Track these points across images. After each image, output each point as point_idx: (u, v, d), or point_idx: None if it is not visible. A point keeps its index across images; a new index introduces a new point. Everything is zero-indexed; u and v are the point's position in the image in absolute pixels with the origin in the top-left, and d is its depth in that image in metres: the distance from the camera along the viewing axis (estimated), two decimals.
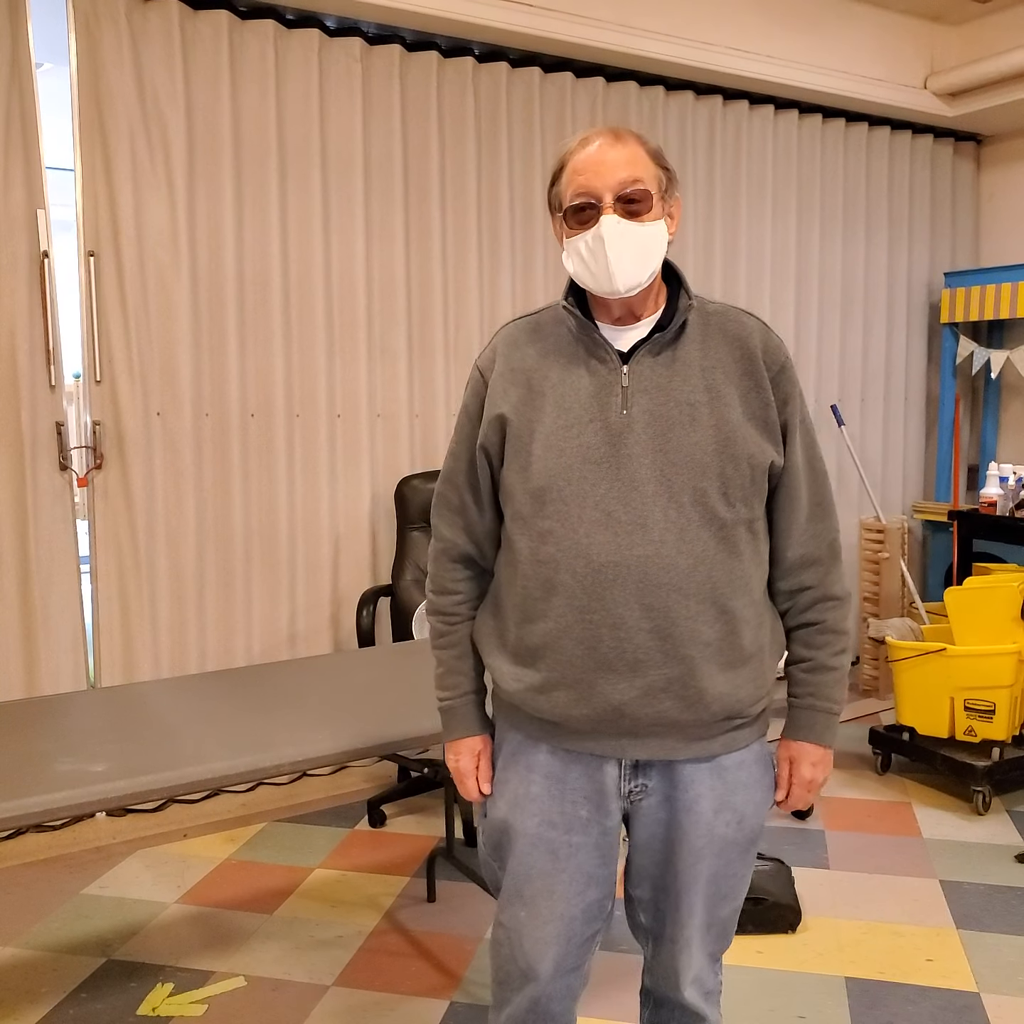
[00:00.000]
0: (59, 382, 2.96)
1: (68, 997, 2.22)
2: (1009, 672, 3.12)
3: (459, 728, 1.45)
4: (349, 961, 2.35)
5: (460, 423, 1.42)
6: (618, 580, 1.26)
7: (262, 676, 2.32)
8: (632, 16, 3.54)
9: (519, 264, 3.71)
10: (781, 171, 4.26)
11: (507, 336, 1.39)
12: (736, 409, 1.30)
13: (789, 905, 2.45)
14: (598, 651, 1.28)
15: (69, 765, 1.75)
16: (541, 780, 1.37)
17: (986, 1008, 2.15)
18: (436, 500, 1.46)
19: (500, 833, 1.41)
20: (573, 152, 1.30)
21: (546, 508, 1.29)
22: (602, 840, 1.37)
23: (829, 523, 1.39)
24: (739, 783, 1.36)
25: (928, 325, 4.78)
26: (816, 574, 1.38)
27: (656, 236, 1.29)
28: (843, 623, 1.40)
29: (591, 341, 1.33)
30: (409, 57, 3.43)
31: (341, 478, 3.44)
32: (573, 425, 1.30)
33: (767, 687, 1.37)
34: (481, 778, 1.44)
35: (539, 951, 1.39)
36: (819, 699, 1.40)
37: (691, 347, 1.32)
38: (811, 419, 1.38)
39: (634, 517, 1.27)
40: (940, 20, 4.27)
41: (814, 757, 1.40)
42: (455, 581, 1.44)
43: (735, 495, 1.28)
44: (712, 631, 1.29)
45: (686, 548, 1.26)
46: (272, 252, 3.22)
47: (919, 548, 4.85)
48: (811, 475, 1.37)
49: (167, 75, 3.00)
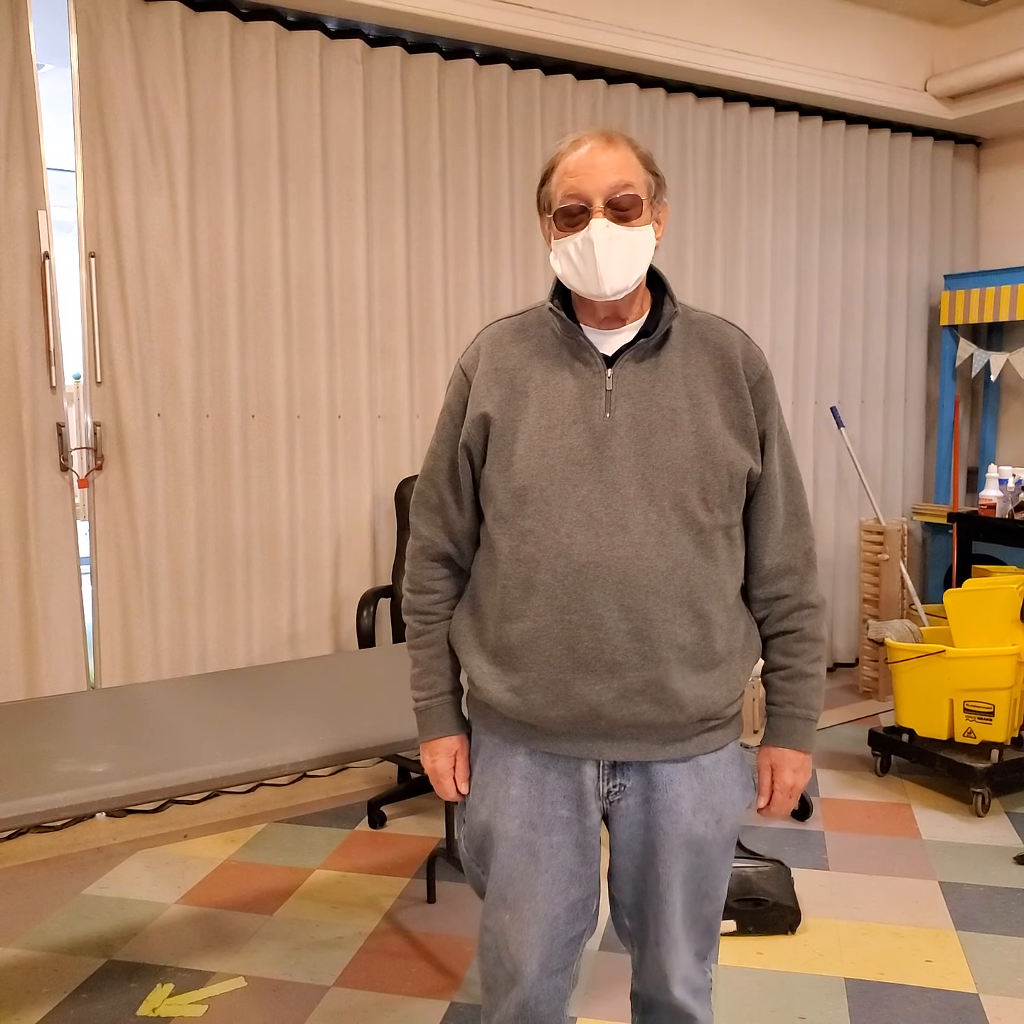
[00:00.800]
0: (60, 383, 2.96)
1: (69, 997, 2.22)
2: (1008, 674, 3.13)
3: (435, 728, 1.45)
4: (349, 962, 2.35)
5: (442, 422, 1.42)
6: (599, 580, 1.27)
7: (262, 677, 2.32)
8: (632, 18, 3.55)
9: (519, 266, 3.72)
10: (781, 173, 4.26)
11: (491, 335, 1.40)
12: (716, 417, 1.31)
13: (789, 906, 2.45)
14: (576, 651, 1.29)
15: (69, 766, 1.75)
16: (520, 782, 1.37)
17: (985, 1009, 2.16)
18: (415, 498, 1.46)
19: (482, 837, 1.41)
20: (564, 154, 1.30)
21: (527, 507, 1.30)
22: (583, 839, 1.38)
23: (805, 532, 1.41)
24: (716, 782, 1.38)
25: (928, 327, 4.79)
26: (792, 582, 1.40)
27: (644, 241, 1.30)
28: (819, 631, 1.42)
29: (576, 344, 1.34)
30: (410, 59, 3.43)
31: (341, 479, 3.44)
32: (556, 426, 1.31)
33: (740, 689, 1.38)
34: (458, 778, 1.45)
35: (524, 953, 1.39)
36: (798, 707, 1.42)
37: (674, 354, 1.33)
38: (788, 429, 1.41)
39: (615, 519, 1.28)
40: (940, 23, 4.28)
41: (795, 764, 1.42)
42: (433, 580, 1.46)
43: (714, 501, 1.30)
44: (688, 634, 1.30)
45: (665, 551, 1.28)
46: (273, 253, 3.23)
47: (919, 550, 4.85)
48: (788, 484, 1.40)
49: (168, 76, 3.01)
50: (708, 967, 1.50)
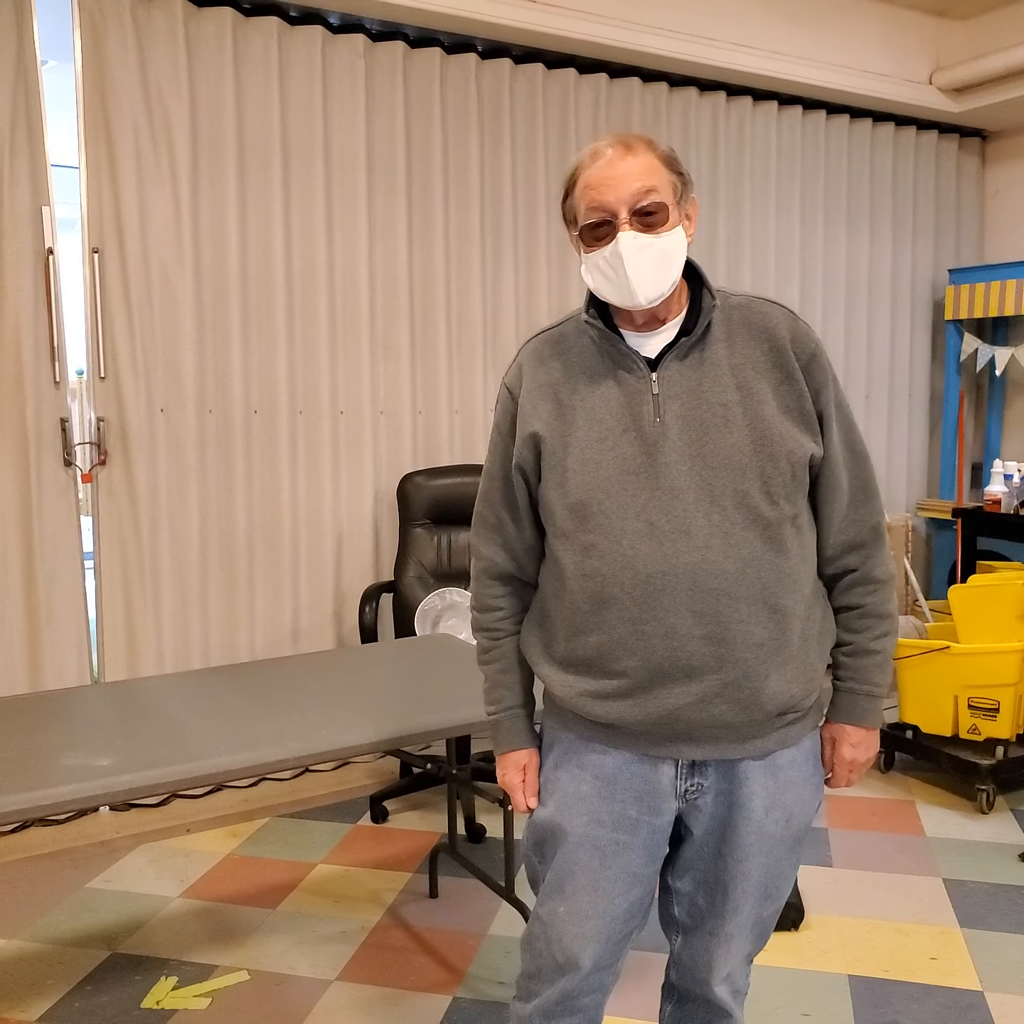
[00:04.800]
0: (63, 378, 2.97)
1: (73, 990, 2.23)
2: (1013, 670, 3.12)
3: (504, 742, 1.45)
4: (352, 956, 2.35)
5: (493, 442, 1.41)
6: (667, 589, 1.25)
7: (265, 672, 2.32)
8: (635, 12, 3.54)
9: (522, 261, 3.71)
10: (785, 167, 4.25)
11: (532, 351, 1.38)
12: (770, 404, 1.28)
13: (793, 903, 2.45)
14: (652, 661, 1.27)
15: (73, 759, 1.75)
16: (592, 780, 1.36)
17: (990, 1006, 2.15)
18: (475, 520, 1.46)
19: (544, 831, 1.41)
20: (584, 166, 1.28)
21: (588, 522, 1.29)
22: (650, 839, 1.37)
23: (872, 506, 1.37)
24: (790, 781, 1.36)
25: (932, 322, 4.77)
26: (859, 557, 1.37)
27: (675, 245, 1.27)
28: (885, 606, 1.39)
29: (617, 352, 1.31)
30: (412, 54, 3.43)
31: (344, 474, 3.44)
32: (607, 437, 1.29)
33: (818, 679, 1.35)
34: (528, 792, 1.44)
35: (579, 946, 1.38)
36: (860, 683, 1.39)
37: (718, 346, 1.30)
38: (847, 401, 1.36)
39: (677, 525, 1.26)
40: (945, 15, 4.26)
41: (854, 739, 1.41)
42: (495, 598, 1.45)
43: (778, 493, 1.27)
44: (765, 631, 1.27)
45: (732, 552, 1.25)
46: (275, 249, 3.23)
47: (923, 546, 4.84)
48: (851, 459, 1.35)
49: (171, 72, 3.01)
50: (749, 972, 1.50)
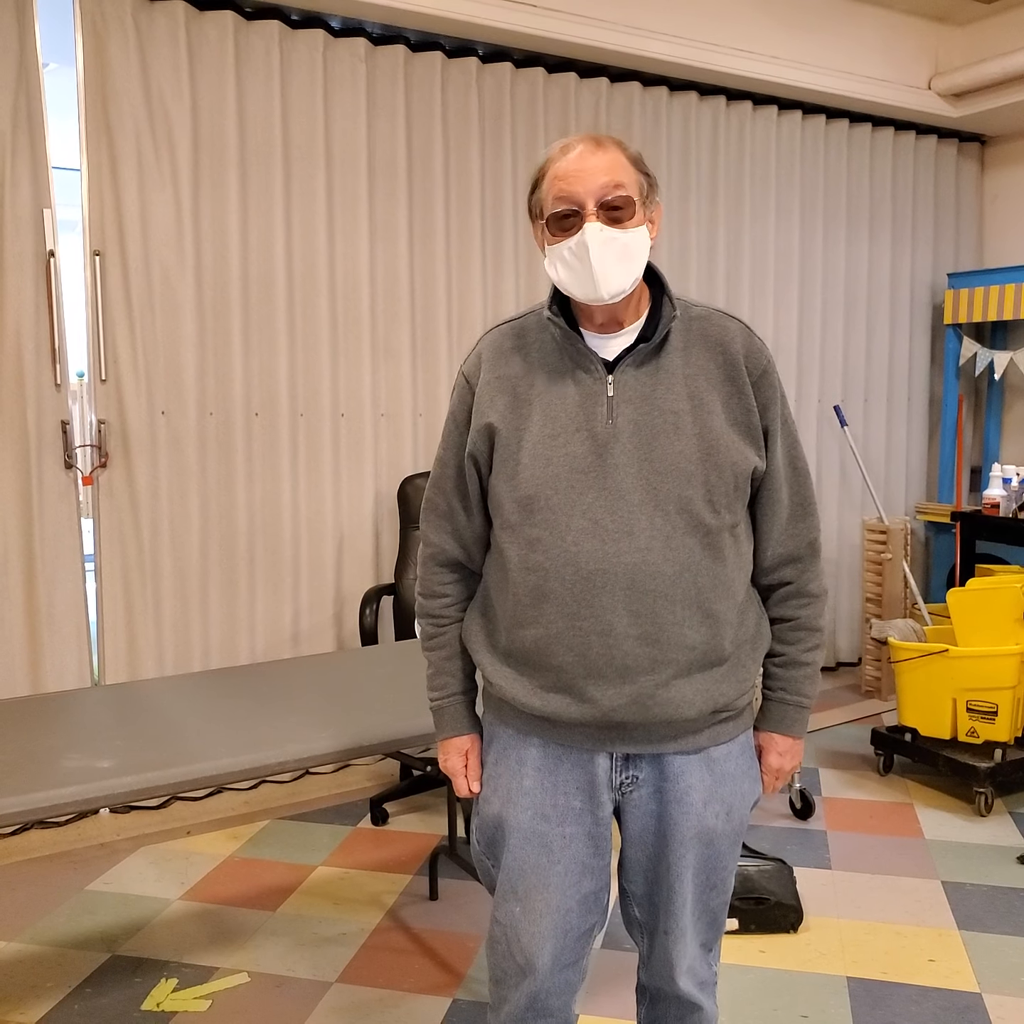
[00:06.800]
0: (64, 381, 2.97)
1: (73, 992, 2.23)
2: (1011, 673, 3.13)
3: (447, 728, 1.48)
4: (352, 958, 2.36)
5: (448, 430, 1.43)
6: (607, 587, 1.29)
7: (265, 674, 2.33)
8: (636, 17, 3.55)
9: (523, 264, 3.72)
10: (784, 172, 4.26)
11: (492, 343, 1.40)
12: (719, 416, 1.32)
13: (791, 905, 2.45)
14: (587, 658, 1.31)
15: (74, 761, 1.76)
16: (533, 773, 1.38)
17: (988, 1009, 2.16)
18: (425, 505, 1.47)
19: (494, 829, 1.43)
20: (553, 159, 1.30)
21: (534, 516, 1.31)
22: (595, 830, 1.39)
23: (810, 521, 1.41)
24: (727, 774, 1.39)
25: (931, 326, 4.78)
26: (795, 570, 1.41)
27: (639, 242, 1.30)
28: (817, 620, 1.43)
29: (576, 351, 1.34)
30: (413, 57, 3.43)
31: (344, 477, 3.45)
32: (560, 434, 1.31)
33: (751, 680, 1.39)
34: (470, 776, 1.47)
35: (536, 945, 1.40)
36: (790, 693, 1.44)
37: (674, 356, 1.33)
38: (792, 418, 1.40)
39: (621, 525, 1.29)
40: (944, 20, 4.27)
41: (782, 747, 1.45)
42: (443, 584, 1.47)
43: (720, 502, 1.31)
44: (697, 635, 1.31)
45: (672, 555, 1.29)
46: (276, 252, 3.23)
47: (922, 549, 4.85)
48: (793, 475, 1.40)
49: (173, 75, 3.01)
50: (713, 960, 1.51)
